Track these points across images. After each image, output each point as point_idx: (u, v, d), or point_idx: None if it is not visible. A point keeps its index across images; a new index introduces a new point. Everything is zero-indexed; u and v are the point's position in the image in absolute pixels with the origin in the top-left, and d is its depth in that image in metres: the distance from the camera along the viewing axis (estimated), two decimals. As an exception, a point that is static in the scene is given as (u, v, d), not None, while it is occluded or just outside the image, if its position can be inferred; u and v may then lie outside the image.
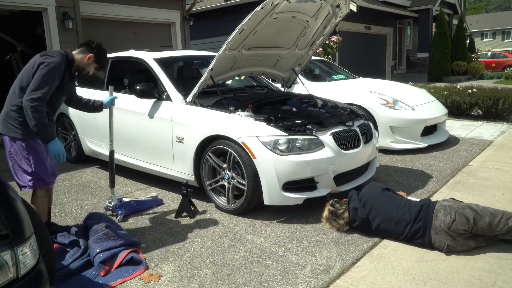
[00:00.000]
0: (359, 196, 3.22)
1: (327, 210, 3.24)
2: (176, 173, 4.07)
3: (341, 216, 3.18)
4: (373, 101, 5.64)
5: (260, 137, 3.40)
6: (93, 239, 2.91)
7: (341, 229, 3.22)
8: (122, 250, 2.86)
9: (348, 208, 3.20)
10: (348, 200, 3.26)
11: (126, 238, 3.00)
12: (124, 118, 4.50)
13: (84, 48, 3.03)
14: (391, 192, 3.27)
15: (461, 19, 18.96)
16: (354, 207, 3.17)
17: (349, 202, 3.23)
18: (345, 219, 3.18)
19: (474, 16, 52.60)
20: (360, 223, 3.14)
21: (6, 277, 1.62)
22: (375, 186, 3.31)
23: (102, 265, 2.73)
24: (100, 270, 2.72)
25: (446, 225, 2.82)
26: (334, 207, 3.22)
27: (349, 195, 3.32)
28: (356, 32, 15.70)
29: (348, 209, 3.19)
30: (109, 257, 2.79)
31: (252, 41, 3.96)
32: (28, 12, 8.34)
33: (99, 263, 2.74)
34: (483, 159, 5.23)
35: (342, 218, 3.18)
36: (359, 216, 3.13)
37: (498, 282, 2.49)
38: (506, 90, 8.14)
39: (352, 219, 3.17)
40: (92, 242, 2.89)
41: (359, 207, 3.13)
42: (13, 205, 1.77)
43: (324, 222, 3.28)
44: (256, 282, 2.59)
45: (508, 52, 25.62)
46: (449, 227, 2.81)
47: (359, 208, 3.13)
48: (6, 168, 5.59)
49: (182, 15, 11.13)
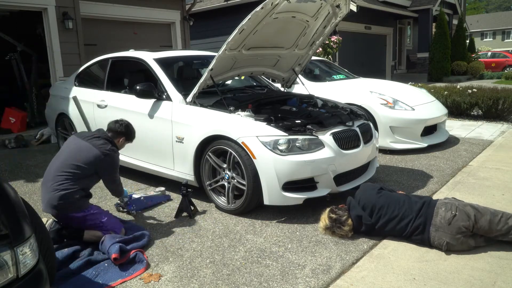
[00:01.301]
0: (357, 201, 3.14)
1: (327, 219, 3.10)
2: (176, 173, 4.07)
3: (345, 223, 3.07)
4: (373, 101, 5.64)
5: (260, 137, 3.40)
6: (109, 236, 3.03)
7: (346, 236, 3.10)
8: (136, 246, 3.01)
9: (350, 216, 3.10)
10: (348, 207, 3.16)
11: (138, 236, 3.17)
12: (124, 118, 4.49)
13: (112, 134, 3.38)
14: (386, 191, 3.23)
15: (461, 19, 18.96)
16: (357, 215, 3.07)
17: (350, 210, 3.14)
18: (350, 225, 3.08)
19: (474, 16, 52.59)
20: (366, 228, 3.08)
21: (6, 277, 1.62)
22: (369, 187, 3.24)
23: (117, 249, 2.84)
24: (112, 254, 2.82)
25: (446, 221, 2.83)
26: (336, 214, 3.09)
27: (347, 202, 3.22)
28: (356, 32, 15.69)
29: (351, 217, 3.10)
30: (123, 249, 2.90)
31: (252, 41, 3.96)
32: (28, 12, 8.34)
33: (116, 248, 2.85)
34: (483, 159, 5.23)
35: (347, 225, 3.07)
36: (364, 224, 3.06)
37: (498, 282, 2.49)
38: (506, 90, 8.14)
39: (357, 227, 3.10)
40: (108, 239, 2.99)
41: (363, 214, 3.06)
42: (13, 205, 1.77)
43: (323, 231, 3.15)
44: (256, 282, 2.59)
45: (508, 52, 25.62)
46: (450, 223, 2.81)
47: (362, 216, 3.06)
48: (6, 168, 5.59)
49: (182, 15, 11.13)
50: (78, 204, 3.08)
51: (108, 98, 4.80)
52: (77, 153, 3.13)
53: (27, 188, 4.67)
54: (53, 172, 3.10)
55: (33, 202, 4.14)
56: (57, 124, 5.80)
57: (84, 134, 3.38)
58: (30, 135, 7.44)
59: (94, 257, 2.89)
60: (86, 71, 5.54)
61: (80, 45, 8.34)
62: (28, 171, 5.37)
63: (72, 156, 3.12)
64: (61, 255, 2.85)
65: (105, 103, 4.78)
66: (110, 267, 2.79)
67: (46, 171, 3.21)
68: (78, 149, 3.15)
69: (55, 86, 6.26)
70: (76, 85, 5.49)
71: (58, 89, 5.90)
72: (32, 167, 5.59)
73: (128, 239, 3.03)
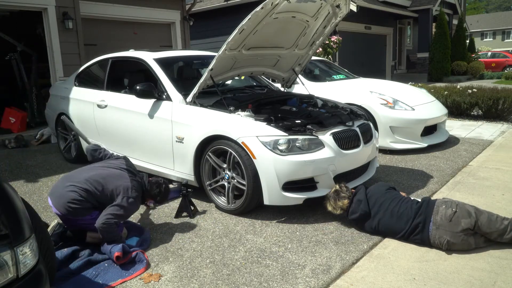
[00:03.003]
0: (366, 191, 3.28)
1: (333, 189, 3.32)
2: (176, 173, 4.07)
3: (341, 199, 3.24)
4: (373, 101, 5.64)
5: (260, 137, 3.40)
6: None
7: (334, 211, 3.28)
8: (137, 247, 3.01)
9: (352, 198, 3.24)
10: (355, 192, 3.31)
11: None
12: (124, 118, 4.51)
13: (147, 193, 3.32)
14: (396, 191, 3.32)
15: (461, 19, 18.95)
16: (359, 199, 3.20)
17: (355, 194, 3.28)
18: (343, 204, 3.24)
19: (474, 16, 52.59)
20: (360, 215, 3.16)
21: (6, 277, 1.62)
22: (381, 184, 3.37)
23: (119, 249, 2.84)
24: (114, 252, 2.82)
25: (447, 218, 2.84)
26: (341, 188, 3.29)
27: (357, 188, 3.36)
28: (356, 32, 15.69)
29: (352, 199, 3.23)
30: (126, 249, 2.89)
31: (252, 41, 3.96)
32: (28, 12, 8.34)
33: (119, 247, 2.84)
34: (483, 159, 5.23)
35: (341, 201, 3.24)
36: (361, 209, 3.15)
37: (498, 282, 2.49)
38: (506, 90, 8.14)
39: (353, 210, 3.20)
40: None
41: (364, 200, 3.17)
42: (13, 205, 1.77)
43: (325, 200, 3.33)
44: (256, 282, 2.59)
45: (508, 52, 25.62)
46: (450, 219, 2.83)
47: (363, 201, 3.17)
48: (6, 168, 5.59)
49: (182, 15, 11.13)
50: (84, 210, 3.04)
51: (108, 98, 4.80)
52: (114, 181, 3.10)
53: (27, 188, 4.67)
54: (85, 175, 3.10)
55: (33, 202, 4.14)
56: (57, 124, 5.80)
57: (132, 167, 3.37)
58: (30, 135, 7.44)
59: (94, 257, 2.89)
60: (86, 71, 5.54)
61: (80, 45, 8.34)
62: (28, 171, 5.37)
63: (110, 181, 3.08)
64: (61, 255, 2.84)
65: (105, 103, 4.78)
66: (110, 267, 2.79)
67: (80, 169, 3.25)
68: (111, 175, 3.14)
69: (55, 86, 6.26)
70: (76, 85, 5.49)
71: (58, 89, 5.90)
72: (32, 167, 5.59)
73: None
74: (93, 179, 3.07)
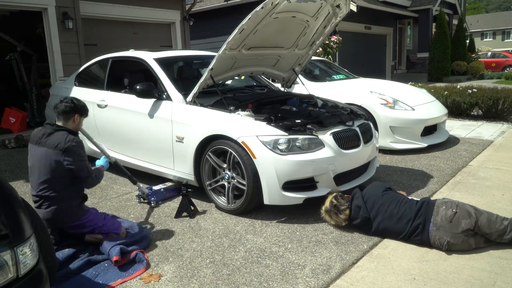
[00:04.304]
0: (362, 194, 3.24)
1: (329, 202, 3.24)
2: (176, 173, 4.07)
3: (342, 212, 3.18)
4: (373, 101, 5.64)
5: (260, 136, 3.40)
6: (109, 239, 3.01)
7: (339, 224, 3.23)
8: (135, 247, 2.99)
9: (350, 206, 3.20)
10: (352, 197, 3.27)
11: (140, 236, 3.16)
12: (124, 117, 4.51)
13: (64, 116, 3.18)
14: (393, 192, 3.29)
15: (461, 19, 18.95)
16: (357, 205, 3.17)
17: (352, 200, 3.24)
18: (346, 215, 3.18)
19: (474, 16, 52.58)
20: (361, 221, 3.15)
21: (6, 277, 1.62)
22: (377, 185, 3.33)
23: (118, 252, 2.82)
24: (112, 256, 2.80)
25: (447, 219, 2.84)
26: (338, 201, 3.21)
27: (352, 192, 3.33)
28: (356, 32, 15.69)
29: (351, 207, 3.20)
30: (124, 250, 2.88)
31: (252, 41, 3.96)
32: (28, 12, 8.34)
33: (117, 250, 2.83)
34: (483, 159, 5.23)
35: (343, 214, 3.18)
36: (361, 215, 3.13)
37: (498, 282, 2.49)
38: (506, 90, 8.15)
39: (354, 217, 3.18)
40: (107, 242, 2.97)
41: (362, 206, 3.15)
42: (13, 205, 1.77)
43: (323, 213, 3.27)
44: (256, 282, 2.59)
45: (508, 52, 25.62)
46: (451, 220, 2.83)
47: (362, 207, 3.14)
48: (6, 168, 5.59)
49: (182, 15, 11.13)
50: (75, 213, 2.98)
51: (108, 98, 4.79)
52: (42, 166, 2.90)
53: (27, 188, 4.66)
54: (34, 191, 2.96)
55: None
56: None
57: (36, 136, 3.08)
58: (30, 135, 7.43)
59: (94, 257, 2.89)
60: (86, 71, 5.54)
61: (80, 45, 8.34)
62: (28, 171, 5.36)
63: (42, 172, 2.90)
64: (61, 255, 2.84)
65: (105, 103, 4.78)
66: (110, 267, 2.79)
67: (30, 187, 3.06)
68: (39, 160, 2.93)
69: (55, 86, 6.26)
70: (76, 85, 5.49)
71: (58, 89, 5.89)
72: (32, 167, 5.58)
73: (128, 242, 3.02)
74: (39, 184, 2.92)
